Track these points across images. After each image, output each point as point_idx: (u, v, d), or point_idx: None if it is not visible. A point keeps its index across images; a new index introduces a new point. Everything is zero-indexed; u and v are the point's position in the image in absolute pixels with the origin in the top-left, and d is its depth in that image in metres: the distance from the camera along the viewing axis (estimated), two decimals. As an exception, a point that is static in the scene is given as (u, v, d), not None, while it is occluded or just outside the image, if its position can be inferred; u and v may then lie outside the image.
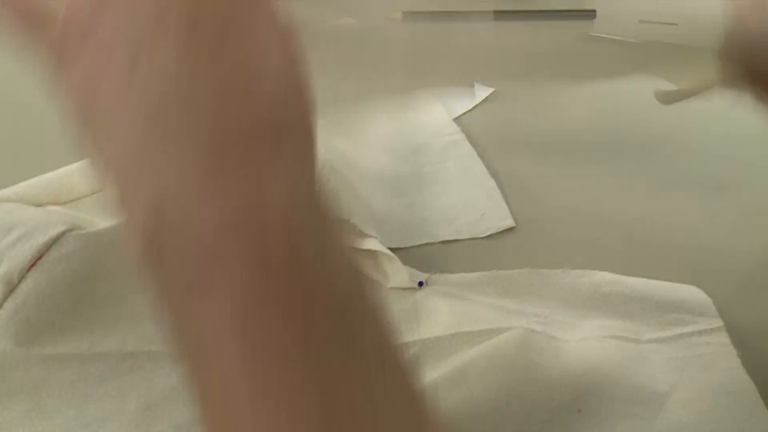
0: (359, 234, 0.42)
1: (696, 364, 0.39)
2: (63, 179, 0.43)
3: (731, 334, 0.40)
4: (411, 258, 0.43)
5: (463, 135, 0.54)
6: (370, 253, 0.41)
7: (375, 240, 0.42)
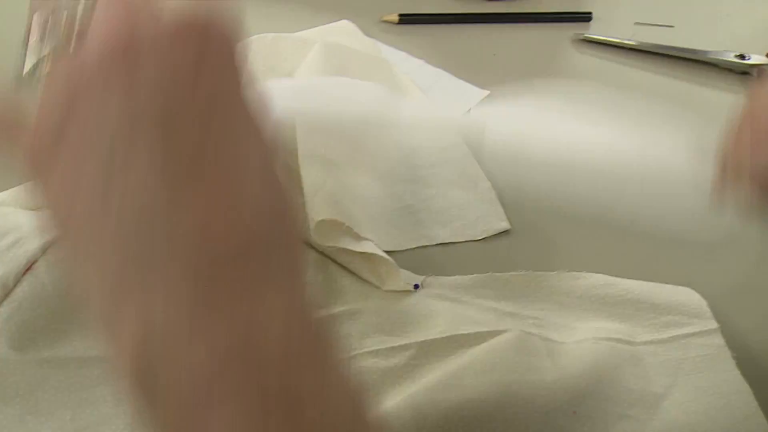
0: (355, 237, 0.42)
1: (691, 366, 0.39)
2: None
3: (726, 335, 0.40)
4: (407, 261, 0.43)
5: (459, 138, 0.54)
6: (366, 256, 0.42)
7: (371, 243, 0.42)
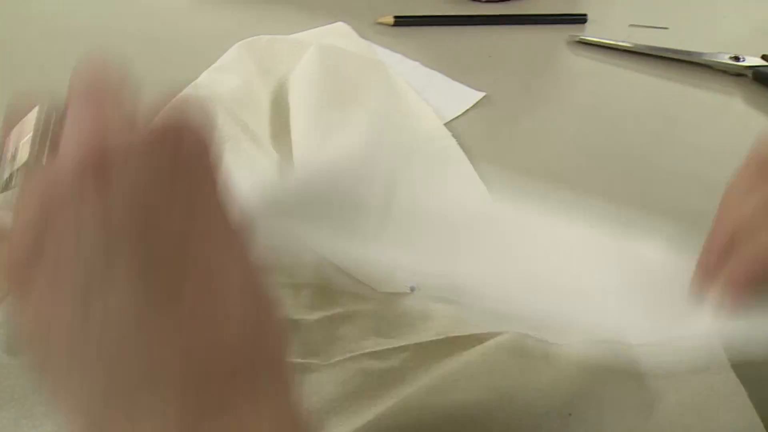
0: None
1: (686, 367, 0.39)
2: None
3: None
4: (402, 263, 0.43)
5: (454, 140, 0.54)
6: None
7: (366, 245, 0.42)
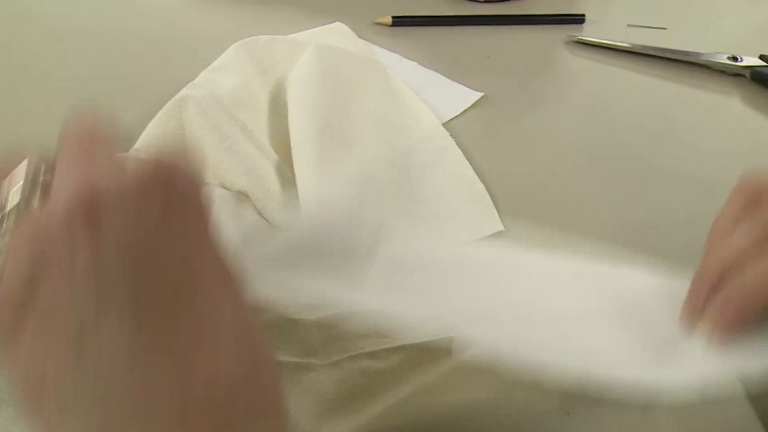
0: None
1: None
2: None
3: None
4: (400, 262, 0.43)
5: (453, 140, 0.54)
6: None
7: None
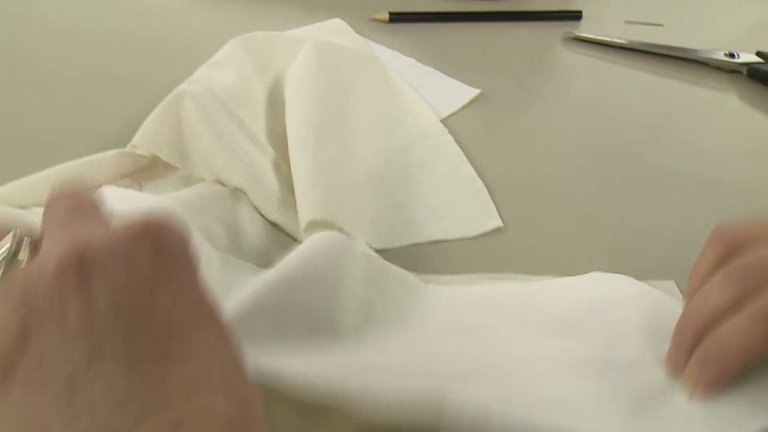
0: (346, 235, 0.42)
1: None
2: (47, 181, 0.43)
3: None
4: (399, 259, 0.43)
5: (451, 136, 0.54)
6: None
7: (361, 241, 0.42)
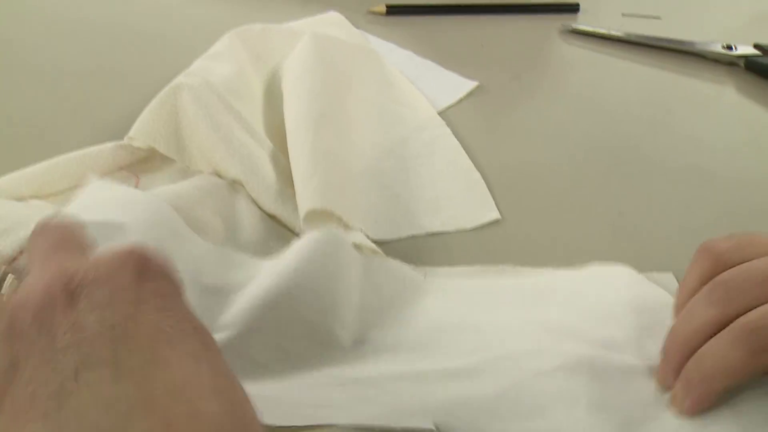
0: (345, 226, 0.42)
1: None
2: (44, 173, 0.43)
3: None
4: (396, 251, 0.43)
5: (448, 129, 0.54)
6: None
7: (360, 233, 0.42)
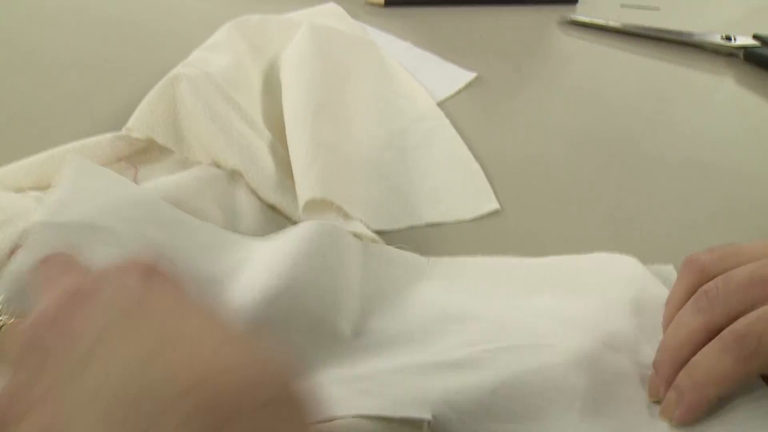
0: (344, 216, 0.42)
1: None
2: (43, 164, 0.43)
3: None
4: (396, 241, 0.43)
5: (447, 120, 0.54)
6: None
7: (360, 222, 0.42)
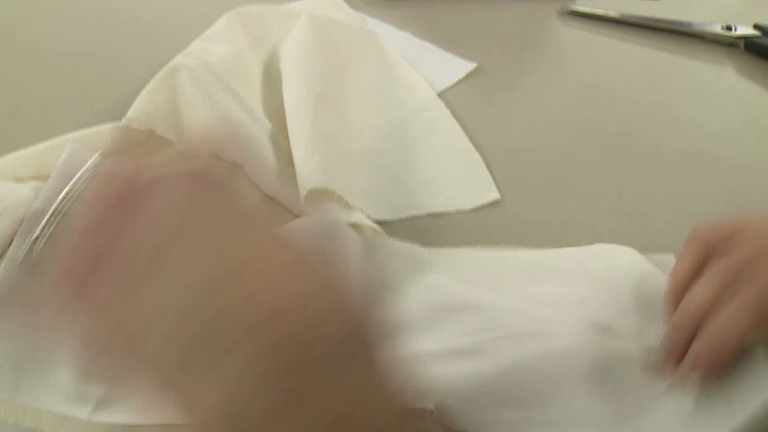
0: (346, 206, 0.42)
1: None
2: (43, 154, 0.43)
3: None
4: (397, 231, 0.43)
5: (447, 110, 0.54)
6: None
7: (361, 212, 0.42)
